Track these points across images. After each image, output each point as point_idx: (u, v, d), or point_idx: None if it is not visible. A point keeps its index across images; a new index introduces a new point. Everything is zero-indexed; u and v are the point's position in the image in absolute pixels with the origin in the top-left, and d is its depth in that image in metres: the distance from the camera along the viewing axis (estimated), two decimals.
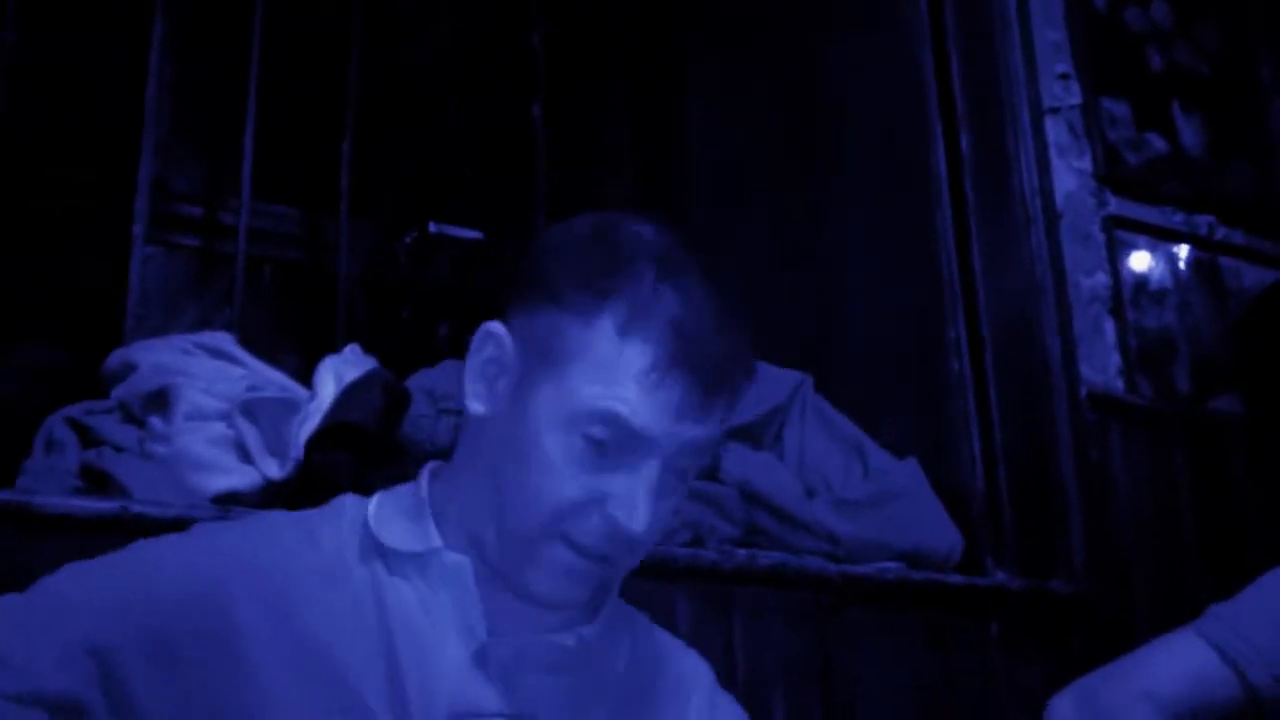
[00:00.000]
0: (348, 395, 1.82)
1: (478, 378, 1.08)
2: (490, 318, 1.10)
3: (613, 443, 1.00)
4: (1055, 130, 2.44)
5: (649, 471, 1.01)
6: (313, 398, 1.86)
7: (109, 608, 0.98)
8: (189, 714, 0.97)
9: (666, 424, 1.00)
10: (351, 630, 1.02)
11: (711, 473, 2.03)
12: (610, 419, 0.99)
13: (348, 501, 1.13)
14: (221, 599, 1.00)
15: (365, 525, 1.08)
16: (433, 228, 2.94)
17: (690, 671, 1.20)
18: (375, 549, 1.07)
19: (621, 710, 1.11)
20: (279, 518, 1.11)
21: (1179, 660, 1.42)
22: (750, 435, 2.19)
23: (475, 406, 1.07)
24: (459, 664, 1.03)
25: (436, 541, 1.07)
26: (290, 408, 1.84)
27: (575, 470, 1.01)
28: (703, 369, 1.00)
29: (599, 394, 1.00)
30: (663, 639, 1.22)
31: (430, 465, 1.15)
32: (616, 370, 1.00)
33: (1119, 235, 2.44)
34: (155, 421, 1.81)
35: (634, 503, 1.00)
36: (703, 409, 1.01)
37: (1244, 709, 1.40)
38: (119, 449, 1.79)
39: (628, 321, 1.00)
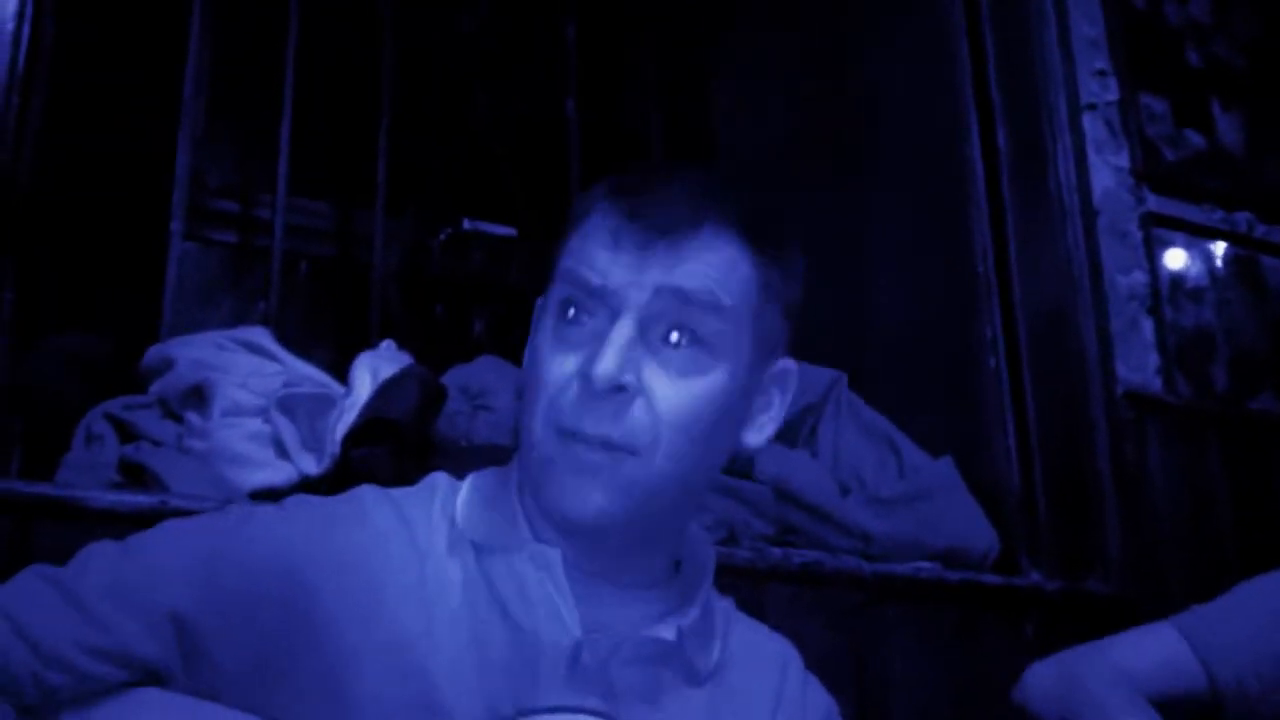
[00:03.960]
0: (384, 391, 1.83)
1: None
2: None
3: (582, 312, 1.00)
4: (1093, 127, 2.42)
5: (618, 326, 0.99)
6: (349, 393, 1.87)
7: (195, 575, 0.98)
8: (267, 685, 0.97)
9: (618, 269, 0.99)
10: (440, 625, 1.00)
11: (745, 470, 2.02)
12: (564, 277, 1.02)
13: (440, 483, 1.10)
14: (308, 584, 0.99)
15: (454, 516, 1.07)
16: (466, 224, 2.95)
17: (780, 656, 1.17)
18: (466, 541, 1.05)
19: (716, 704, 1.09)
20: (371, 497, 1.07)
21: (1154, 649, 1.50)
22: (784, 433, 2.19)
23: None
24: (554, 661, 1.01)
25: (524, 533, 1.05)
26: (327, 403, 1.85)
27: (558, 351, 1.01)
28: (641, 206, 1.01)
29: (560, 260, 1.03)
30: (751, 625, 1.19)
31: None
32: (571, 237, 1.04)
33: (1157, 233, 2.42)
34: (193, 417, 1.83)
35: (597, 351, 0.98)
36: (649, 242, 1.00)
37: (1207, 703, 1.47)
38: (157, 444, 1.80)
39: (583, 206, 1.05)
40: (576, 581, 1.03)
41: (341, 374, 1.96)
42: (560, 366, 1.00)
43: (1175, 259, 2.44)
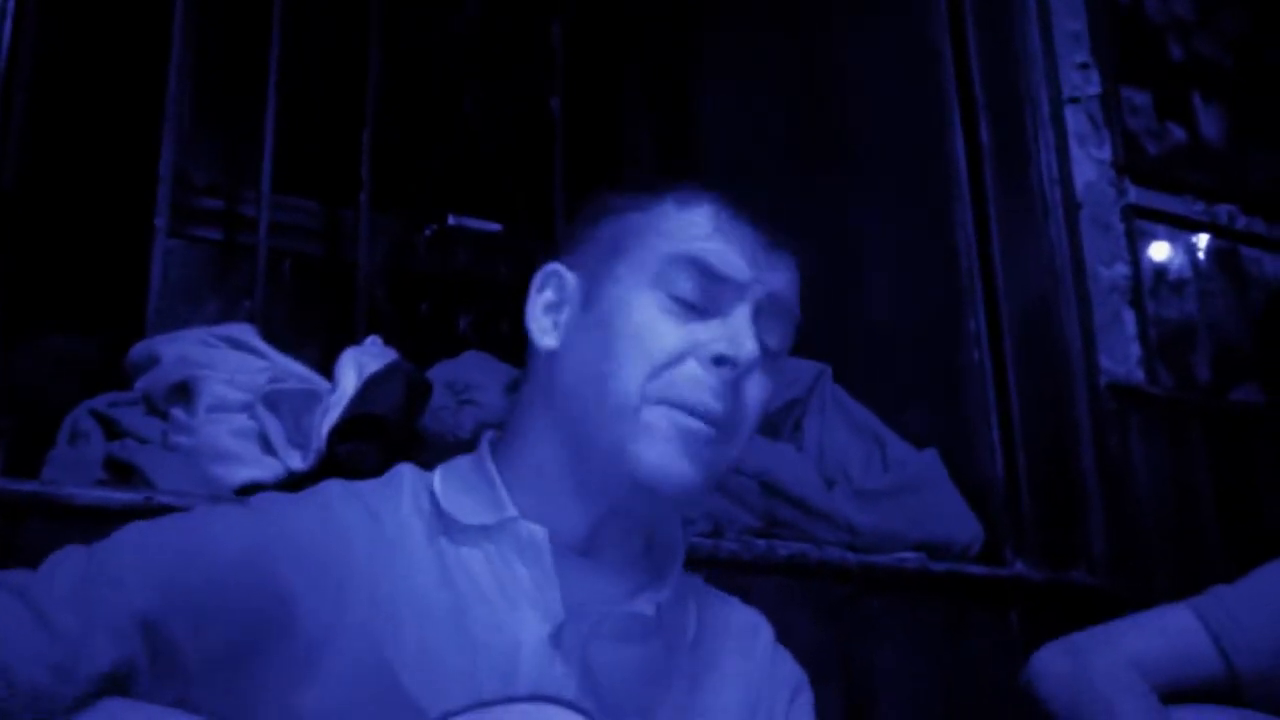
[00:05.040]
0: (369, 387, 1.83)
1: (541, 315, 1.12)
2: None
3: (700, 296, 1.05)
4: (1075, 120, 2.43)
5: (743, 313, 1.05)
6: (334, 389, 1.87)
7: (162, 576, 0.98)
8: (235, 679, 0.97)
9: (745, 265, 1.06)
10: (412, 615, 1.01)
11: None
12: (692, 262, 1.05)
13: (406, 473, 1.11)
14: (275, 577, 0.99)
15: (430, 501, 1.08)
16: (452, 220, 2.95)
17: (751, 627, 1.20)
18: (441, 525, 1.06)
19: (692, 678, 1.11)
20: (336, 490, 1.08)
21: (1169, 633, 1.47)
22: (770, 426, 2.19)
23: (546, 341, 1.10)
24: (536, 642, 1.02)
25: (511, 511, 1.06)
26: (312, 399, 1.85)
27: (668, 324, 1.05)
28: (760, 225, 1.08)
29: (676, 243, 1.06)
30: (722, 599, 1.22)
31: (489, 435, 1.15)
32: (688, 226, 1.07)
33: (1139, 225, 2.43)
34: (178, 413, 1.83)
35: (735, 335, 1.04)
36: (773, 254, 1.08)
37: (1223, 688, 1.44)
38: (143, 440, 1.80)
39: (684, 200, 1.09)
40: (556, 558, 1.04)
41: (327, 370, 1.96)
42: (671, 341, 1.04)
43: (1158, 251, 2.45)
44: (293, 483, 1.76)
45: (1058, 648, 1.52)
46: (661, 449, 1.03)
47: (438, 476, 1.10)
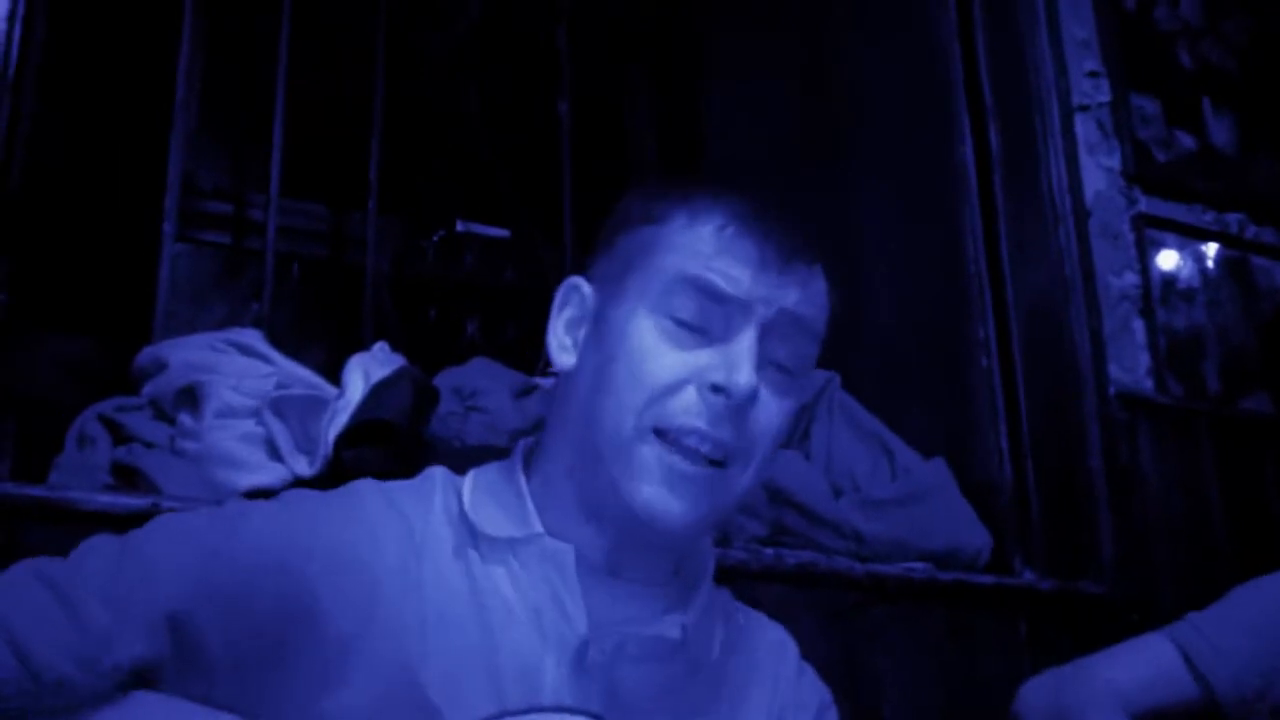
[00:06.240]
0: (377, 393, 1.83)
1: (563, 333, 1.11)
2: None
3: (702, 318, 1.02)
4: (1084, 128, 2.42)
5: (745, 338, 1.02)
6: (341, 395, 1.86)
7: (192, 573, 0.98)
8: (260, 678, 0.98)
9: (749, 281, 1.03)
10: (438, 623, 1.01)
11: None
12: (694, 283, 1.03)
13: (438, 477, 1.11)
14: (303, 578, 0.99)
15: (459, 510, 1.07)
16: (460, 226, 2.95)
17: (777, 644, 1.20)
18: (470, 535, 1.06)
19: (717, 696, 1.10)
20: (368, 491, 1.08)
21: (1148, 662, 1.50)
22: None
23: (564, 359, 1.10)
24: (559, 659, 1.02)
25: (537, 526, 1.05)
26: (319, 405, 1.85)
27: (667, 350, 1.02)
28: (773, 231, 1.04)
29: (680, 262, 1.04)
30: (748, 615, 1.21)
31: (523, 443, 1.14)
32: (694, 242, 1.04)
33: (1149, 234, 2.42)
34: (185, 418, 1.82)
35: (733, 362, 1.01)
36: (783, 266, 1.04)
37: (1204, 712, 1.47)
38: (150, 445, 1.79)
39: (696, 213, 1.06)
40: (583, 577, 1.04)
41: (334, 376, 1.95)
42: (669, 367, 1.02)
43: (1167, 260, 2.45)
44: (299, 488, 1.76)
45: (1042, 680, 1.56)
46: (654, 489, 1.01)
47: (468, 484, 1.10)
